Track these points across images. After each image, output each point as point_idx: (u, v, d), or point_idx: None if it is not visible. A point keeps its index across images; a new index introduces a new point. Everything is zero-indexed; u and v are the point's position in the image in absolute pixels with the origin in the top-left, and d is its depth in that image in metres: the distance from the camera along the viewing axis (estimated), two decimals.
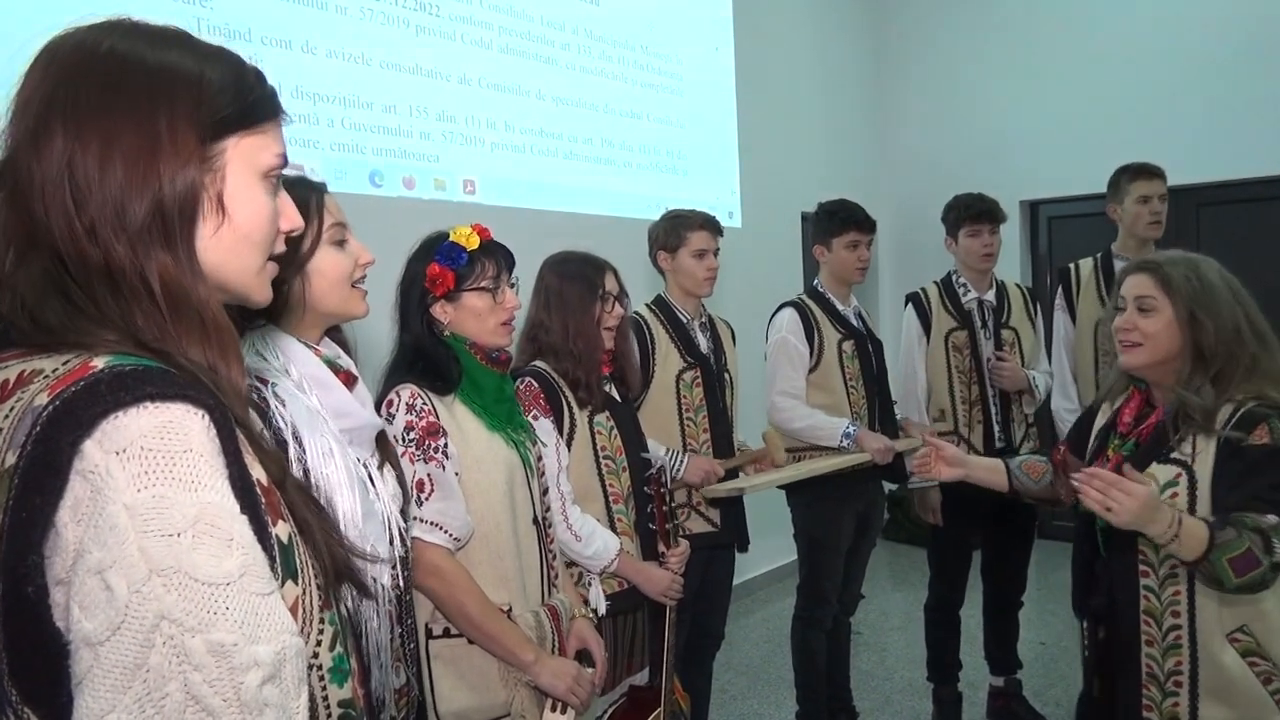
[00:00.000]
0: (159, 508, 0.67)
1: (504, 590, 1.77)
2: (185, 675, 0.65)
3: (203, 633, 0.66)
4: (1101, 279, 3.34)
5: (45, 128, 0.77)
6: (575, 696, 1.77)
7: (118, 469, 0.67)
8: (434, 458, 1.69)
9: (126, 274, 0.77)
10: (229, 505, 0.70)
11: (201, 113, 0.80)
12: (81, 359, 0.73)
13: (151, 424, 0.69)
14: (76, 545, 0.67)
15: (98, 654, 0.65)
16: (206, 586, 0.67)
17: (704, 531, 2.75)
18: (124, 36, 0.80)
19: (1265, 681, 1.71)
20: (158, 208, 0.77)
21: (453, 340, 1.80)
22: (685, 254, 2.79)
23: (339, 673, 0.86)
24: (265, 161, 0.85)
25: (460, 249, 1.78)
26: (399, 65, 3.45)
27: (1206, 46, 5.17)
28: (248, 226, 0.84)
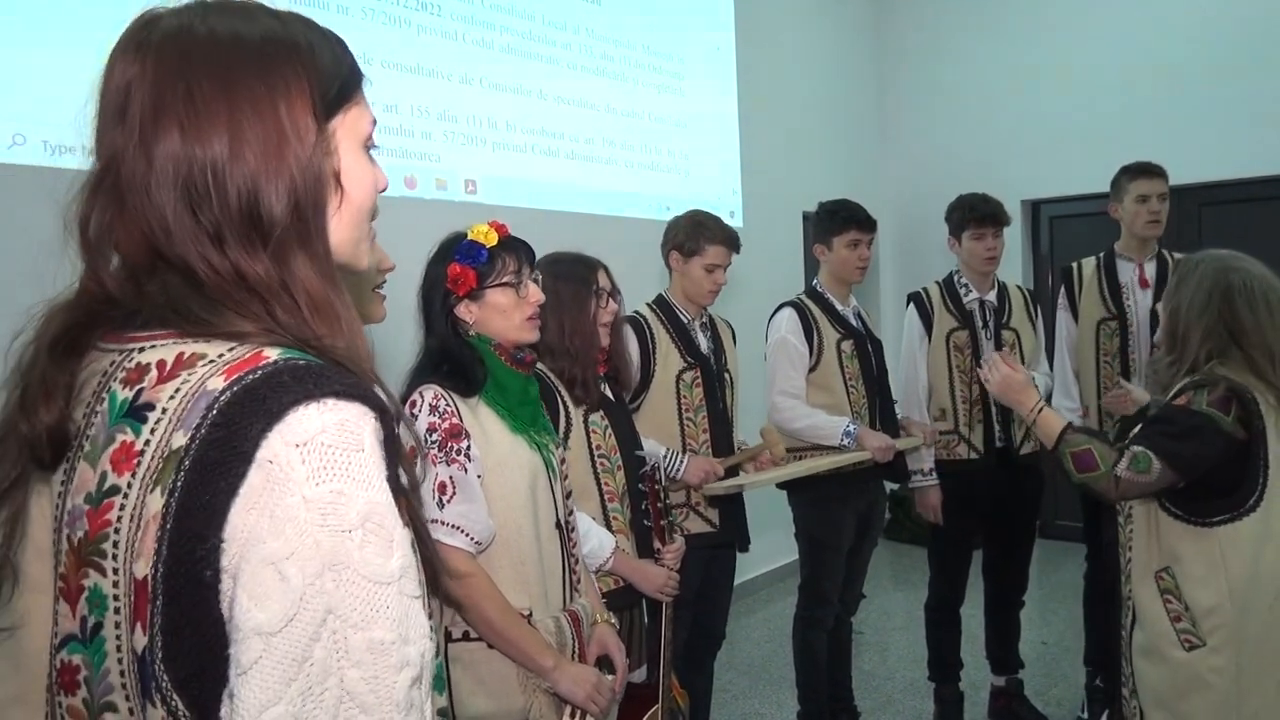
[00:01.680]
0: (336, 503, 0.66)
1: (525, 595, 1.76)
2: (343, 671, 0.65)
3: (364, 630, 0.66)
4: (1104, 279, 3.34)
5: (157, 130, 0.73)
6: (594, 704, 1.75)
7: (298, 462, 0.66)
8: (456, 460, 1.68)
9: (266, 284, 0.75)
10: (392, 506, 0.70)
11: (315, 94, 0.77)
12: (250, 348, 0.72)
13: (332, 420, 0.68)
14: (247, 534, 0.66)
15: (269, 644, 0.64)
16: (372, 584, 0.67)
17: (703, 531, 2.75)
18: (219, 16, 0.77)
19: (1175, 619, 1.94)
20: (294, 202, 0.75)
21: (478, 341, 1.80)
22: (698, 263, 2.78)
23: (440, 680, 0.86)
24: (365, 130, 0.83)
25: (480, 246, 1.77)
26: (400, 65, 3.46)
27: (1207, 46, 5.16)
28: (360, 198, 0.82)
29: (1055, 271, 5.05)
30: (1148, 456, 1.91)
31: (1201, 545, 1.92)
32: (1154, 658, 1.99)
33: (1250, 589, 1.89)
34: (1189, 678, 1.92)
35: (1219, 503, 1.92)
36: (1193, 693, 1.92)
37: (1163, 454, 1.90)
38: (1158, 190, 3.23)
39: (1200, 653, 1.91)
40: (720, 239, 2.78)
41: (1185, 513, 1.95)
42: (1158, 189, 3.24)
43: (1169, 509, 1.97)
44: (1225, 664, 1.89)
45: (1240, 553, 1.89)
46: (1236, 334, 1.97)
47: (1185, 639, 1.93)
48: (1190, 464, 1.90)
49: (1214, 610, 1.90)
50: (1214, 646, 1.90)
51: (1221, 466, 1.91)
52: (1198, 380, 1.96)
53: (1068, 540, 5.38)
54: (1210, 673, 1.90)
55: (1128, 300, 3.28)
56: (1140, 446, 1.93)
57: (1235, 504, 1.91)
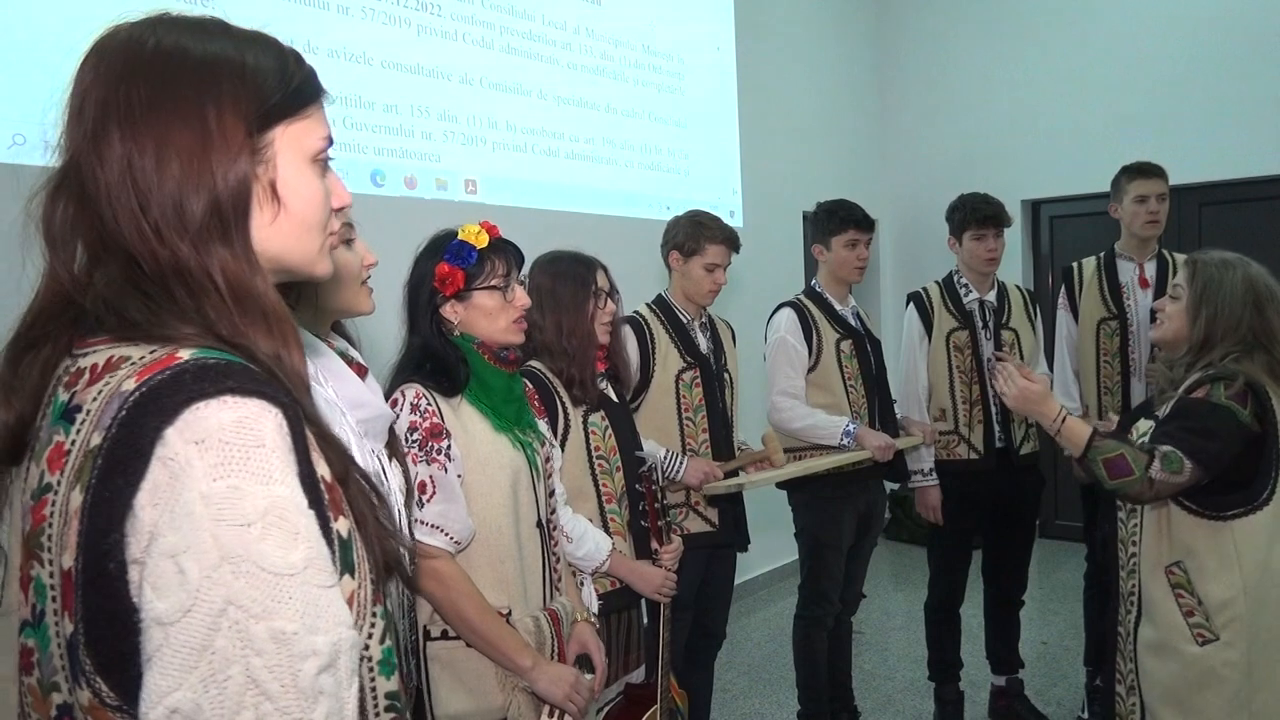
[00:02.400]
0: (232, 498, 0.69)
1: (504, 594, 1.76)
2: (248, 660, 0.68)
3: (266, 620, 0.69)
4: (1104, 278, 3.34)
5: (103, 131, 0.78)
6: (573, 703, 1.75)
7: (196, 458, 0.70)
8: (436, 459, 1.68)
9: (194, 272, 0.79)
10: (298, 500, 0.73)
11: (248, 106, 0.81)
12: (168, 349, 0.76)
13: (230, 418, 0.71)
14: (152, 528, 0.69)
15: (168, 634, 0.68)
16: (272, 576, 0.69)
17: (703, 531, 2.75)
18: (169, 30, 0.81)
19: (1187, 614, 1.94)
20: (213, 203, 0.79)
21: (461, 340, 1.79)
22: (698, 263, 2.78)
23: (388, 665, 0.88)
24: (313, 145, 0.86)
25: (470, 247, 1.76)
26: (400, 65, 3.46)
27: (1208, 46, 5.16)
28: (303, 212, 0.85)
29: (1055, 271, 5.05)
30: (1178, 456, 1.89)
31: (1215, 539, 1.92)
32: (1164, 654, 1.98)
33: (1263, 581, 1.89)
34: (1202, 673, 1.91)
35: (1234, 496, 1.92)
36: (1206, 688, 1.91)
37: (1190, 452, 1.89)
38: (1156, 190, 3.24)
39: (1213, 647, 1.90)
40: (721, 238, 2.78)
41: (1200, 507, 1.94)
42: (1156, 189, 3.24)
43: (1183, 503, 1.96)
44: (1238, 658, 1.89)
45: (1254, 545, 1.90)
46: (1265, 339, 1.98)
47: (1198, 634, 1.92)
48: (1215, 460, 1.90)
49: (1228, 604, 1.90)
50: (1227, 640, 1.90)
51: (1237, 460, 1.91)
52: (1213, 374, 1.96)
53: (1068, 540, 5.39)
54: (1224, 667, 1.89)
55: (1128, 300, 3.29)
56: (1168, 446, 1.91)
57: (1250, 497, 1.91)
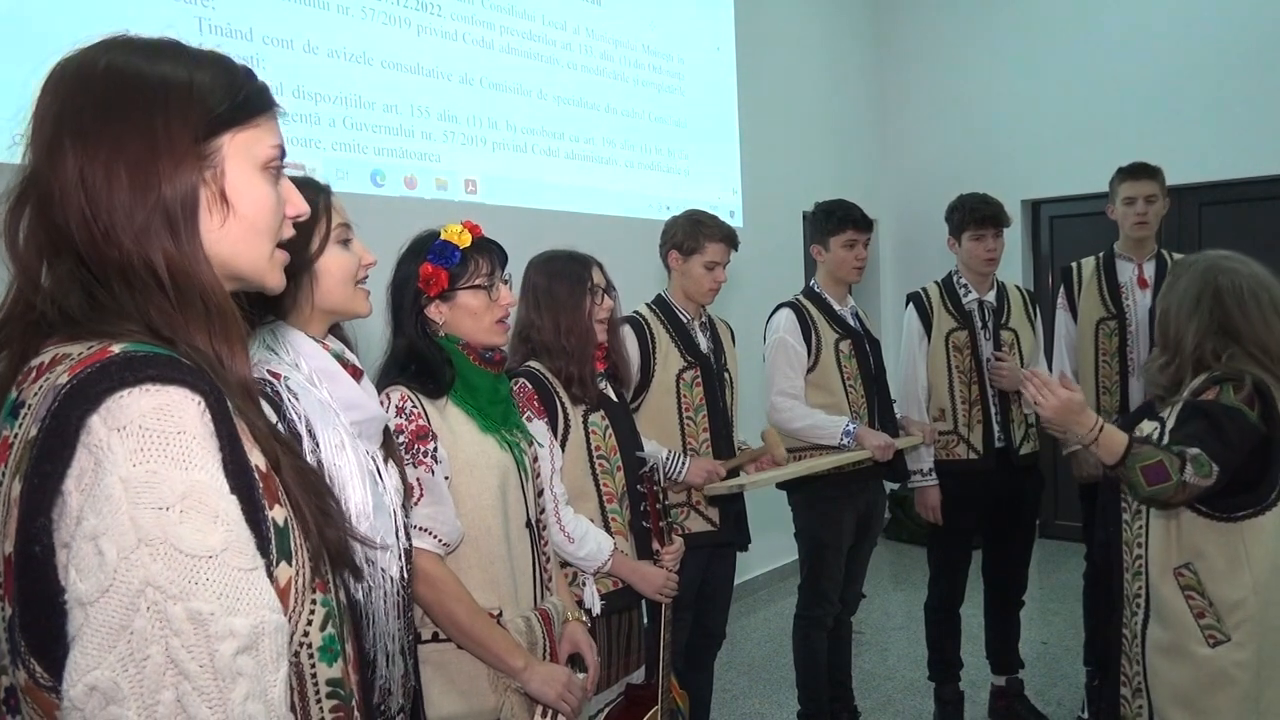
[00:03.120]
0: (151, 482, 0.72)
1: (494, 595, 1.75)
2: (166, 640, 0.70)
3: (183, 600, 0.71)
4: (1103, 278, 3.34)
5: (58, 144, 0.83)
6: (566, 703, 1.75)
7: (117, 444, 0.73)
8: (423, 461, 1.67)
9: (136, 266, 0.82)
10: (218, 485, 0.75)
11: (193, 114, 0.85)
12: (102, 344, 0.79)
13: (150, 404, 0.74)
14: (77, 511, 0.72)
15: (88, 613, 0.70)
16: (189, 558, 0.72)
17: (704, 531, 2.75)
18: (120, 52, 0.86)
19: (1198, 615, 1.93)
20: (159, 204, 0.83)
21: (446, 341, 1.78)
22: (698, 261, 2.78)
23: (328, 652, 0.90)
24: (262, 154, 0.89)
25: (453, 247, 1.75)
26: (400, 65, 3.46)
27: (1208, 46, 5.16)
28: (252, 216, 0.89)
29: (1055, 271, 5.05)
30: (1206, 459, 1.89)
31: (1225, 540, 1.92)
32: (1175, 655, 1.97)
33: (1274, 581, 1.90)
34: (1213, 674, 1.92)
35: (1242, 498, 1.92)
36: (1217, 689, 1.92)
37: (1212, 454, 1.89)
38: (1144, 192, 3.24)
39: (1225, 648, 1.91)
40: (719, 236, 2.79)
41: (1209, 509, 1.94)
42: (1144, 191, 3.24)
43: (1192, 505, 1.96)
44: (1249, 658, 1.90)
45: (1264, 546, 1.91)
46: (1232, 333, 1.99)
47: (1210, 635, 1.92)
48: (1233, 462, 1.91)
49: (1239, 604, 1.90)
50: (1238, 641, 1.90)
51: (1246, 461, 1.92)
52: (1219, 375, 1.97)
53: (1068, 540, 5.39)
54: (1235, 668, 1.90)
55: (1127, 300, 3.29)
56: (1195, 449, 1.90)
57: (1259, 498, 1.92)
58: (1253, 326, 1.98)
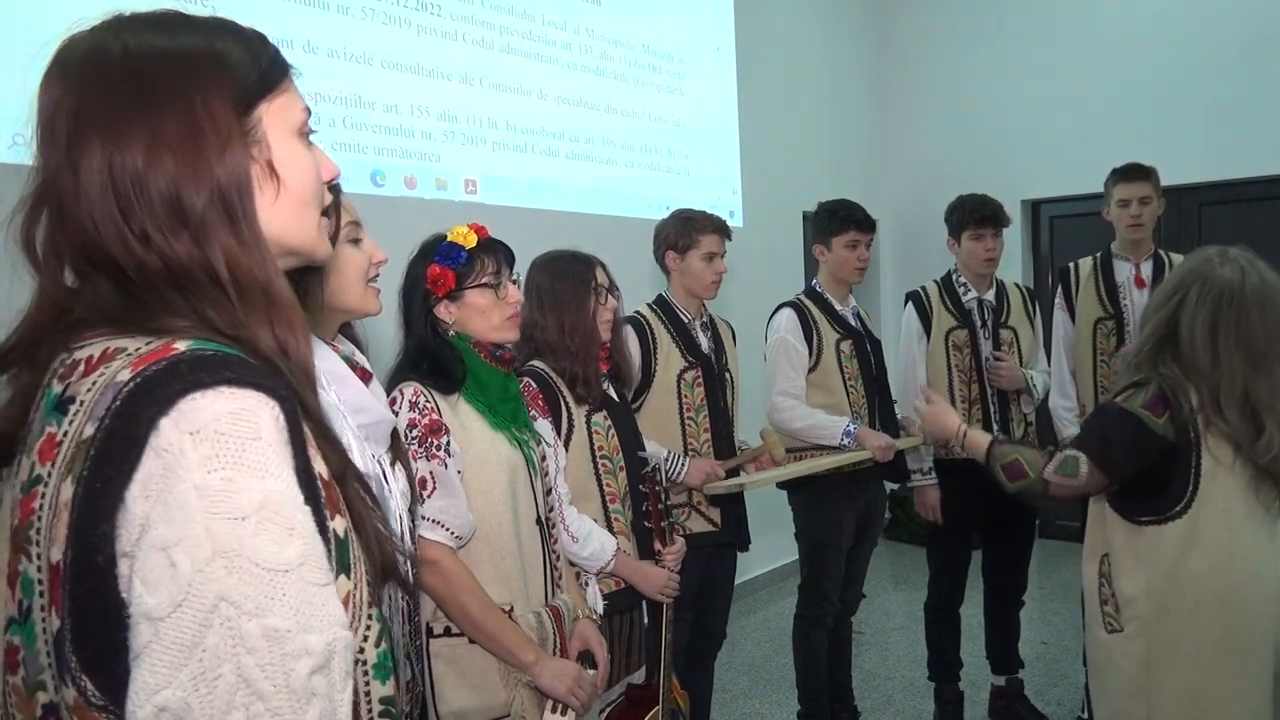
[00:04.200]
0: (228, 490, 0.67)
1: (505, 590, 1.76)
2: (239, 658, 0.66)
3: (259, 617, 0.67)
4: (1101, 278, 3.34)
5: (80, 142, 0.76)
6: (576, 698, 1.76)
7: (190, 449, 0.68)
8: (436, 455, 1.69)
9: (189, 269, 0.77)
10: (294, 494, 0.71)
11: (229, 88, 0.79)
12: (164, 341, 0.74)
13: (226, 408, 0.70)
14: (143, 520, 0.67)
15: (157, 629, 0.65)
16: (266, 572, 0.67)
17: (705, 531, 2.75)
18: (132, 32, 0.79)
19: (1103, 602, 2.04)
20: (215, 192, 0.77)
21: (457, 340, 1.81)
22: (695, 256, 2.78)
23: (383, 669, 0.86)
24: (296, 118, 0.85)
25: (459, 248, 1.78)
26: (400, 65, 3.46)
27: (1207, 46, 5.16)
28: (299, 186, 0.84)
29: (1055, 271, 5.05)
30: (1075, 461, 1.96)
31: (1130, 540, 1.97)
32: (1089, 634, 2.10)
33: (1170, 590, 1.91)
34: (1105, 657, 2.03)
35: (1146, 504, 1.94)
36: (1108, 671, 2.03)
37: (1093, 457, 1.95)
38: (1138, 194, 3.23)
39: (1117, 637, 1.99)
40: (711, 228, 2.80)
41: (1120, 508, 1.99)
42: (1138, 193, 3.24)
43: (1110, 500, 2.02)
44: (1136, 651, 1.96)
45: (1161, 555, 1.92)
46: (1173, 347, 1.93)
47: (1108, 622, 2.02)
48: (1119, 467, 1.94)
49: (1131, 601, 1.96)
50: (1128, 635, 1.98)
51: (1150, 467, 1.92)
52: (1138, 379, 1.97)
53: (1068, 540, 5.39)
54: (1123, 657, 1.98)
55: (1124, 300, 3.29)
56: (1071, 450, 1.99)
57: (1161, 507, 1.92)
58: (1194, 349, 1.89)
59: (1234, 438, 1.86)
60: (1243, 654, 1.89)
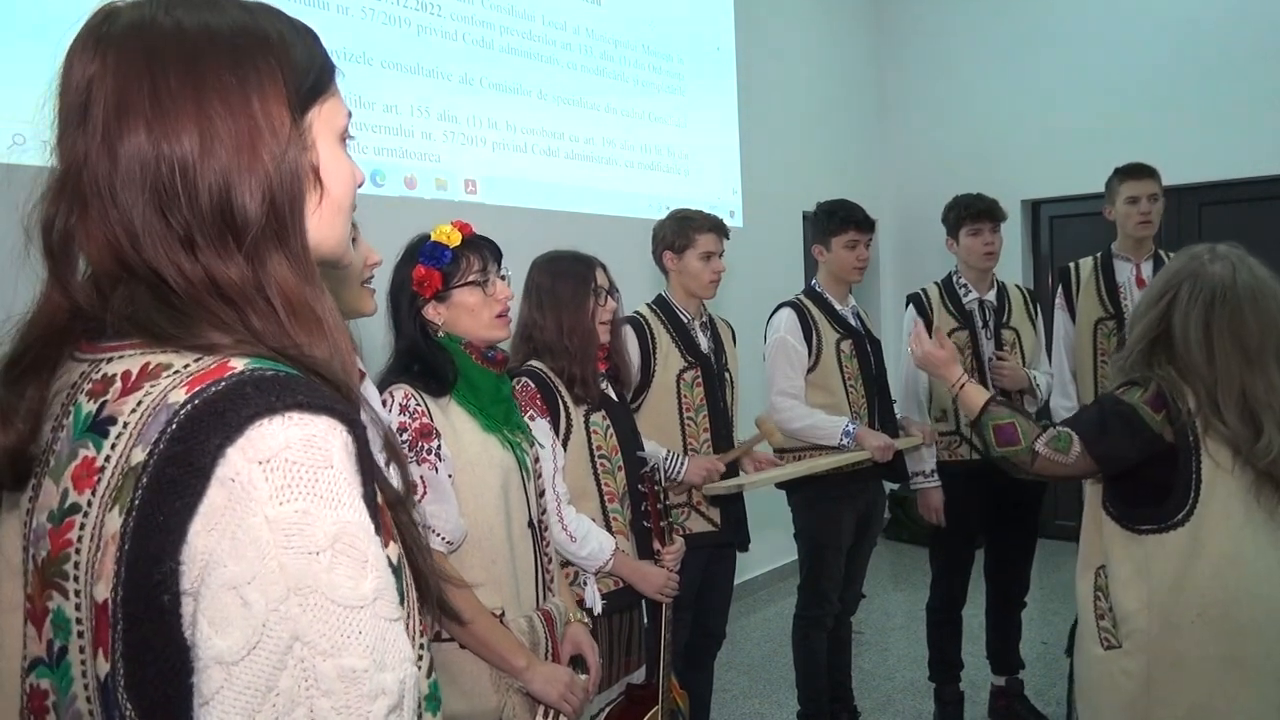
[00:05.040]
0: (301, 523, 0.63)
1: (497, 594, 1.75)
2: (313, 701, 0.61)
3: (334, 657, 0.62)
4: (1101, 278, 3.34)
5: (121, 127, 0.69)
6: (568, 704, 1.75)
7: (261, 479, 0.63)
8: (427, 459, 1.68)
9: (240, 287, 0.71)
10: (366, 525, 0.66)
11: (288, 88, 0.74)
12: (216, 358, 0.68)
13: (297, 436, 0.64)
14: (207, 556, 0.62)
15: (230, 673, 0.61)
16: (342, 609, 0.63)
17: (704, 531, 2.75)
18: (186, 8, 0.72)
19: (1099, 616, 1.96)
20: (269, 199, 0.71)
21: (447, 341, 1.79)
22: (692, 256, 2.78)
23: (434, 700, 0.81)
24: (341, 122, 0.80)
25: (443, 247, 1.76)
26: (400, 65, 3.46)
27: (1207, 46, 5.16)
28: (340, 194, 0.79)
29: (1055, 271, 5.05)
30: (1069, 437, 1.91)
31: (1129, 550, 1.89)
32: (1081, 650, 2.01)
33: (1172, 603, 1.84)
34: (1101, 675, 1.94)
35: (1145, 512, 1.87)
36: (1103, 690, 1.94)
37: (1084, 438, 1.89)
38: (1147, 191, 3.24)
39: (1115, 653, 1.91)
40: (708, 227, 2.80)
41: (1119, 516, 1.92)
42: (1147, 190, 3.24)
43: (1107, 509, 1.94)
44: (1136, 668, 1.87)
45: (1164, 566, 1.84)
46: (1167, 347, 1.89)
47: (1104, 638, 1.93)
48: (1109, 455, 1.88)
49: (1131, 616, 1.87)
50: (1126, 651, 1.88)
51: (1149, 470, 1.86)
52: (1133, 379, 1.92)
53: (1068, 540, 5.37)
54: (1121, 675, 1.89)
55: (1125, 300, 3.28)
56: (1065, 427, 1.94)
57: (1163, 515, 1.85)
58: (1189, 349, 1.85)
59: (1233, 440, 1.80)
60: (1247, 668, 1.81)
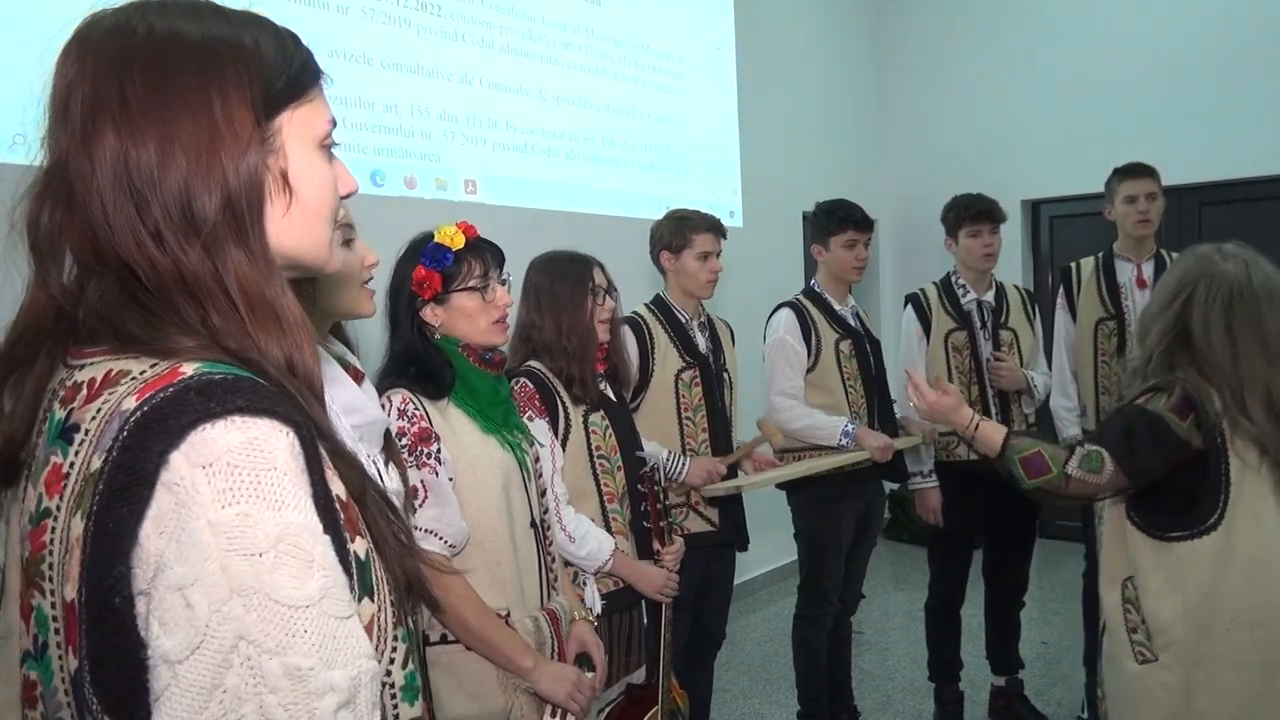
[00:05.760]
0: (243, 526, 0.65)
1: (501, 595, 1.75)
2: (261, 698, 0.63)
3: (280, 655, 0.64)
4: (1102, 278, 3.34)
5: (94, 128, 0.72)
6: (575, 703, 1.75)
7: (203, 484, 0.65)
8: (427, 464, 1.67)
9: (201, 279, 0.73)
10: (312, 525, 0.68)
11: (253, 91, 0.75)
12: (170, 364, 0.71)
13: (239, 439, 0.66)
14: (157, 558, 0.65)
15: (176, 672, 0.63)
16: (286, 609, 0.65)
17: (703, 531, 2.75)
18: (160, 14, 0.75)
19: (1131, 630, 1.91)
20: (226, 201, 0.73)
21: (444, 343, 1.78)
22: (690, 256, 2.78)
23: (410, 690, 0.83)
24: (319, 130, 0.81)
25: (445, 250, 1.75)
26: (400, 65, 3.46)
27: (1207, 46, 5.16)
28: (315, 201, 0.80)
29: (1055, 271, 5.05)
30: (1100, 455, 1.85)
31: (1161, 559, 1.85)
32: (1114, 666, 1.94)
33: (1207, 609, 1.81)
34: (1140, 690, 1.88)
35: (1176, 518, 1.84)
36: (1142, 707, 1.88)
37: (1114, 454, 1.84)
38: (1145, 190, 3.24)
39: (1151, 667, 1.86)
40: (705, 226, 2.80)
41: (1146, 525, 1.88)
42: (1145, 189, 3.24)
43: (1133, 519, 1.90)
44: (1175, 681, 1.83)
45: (1198, 572, 1.81)
46: (1188, 346, 1.86)
47: (1139, 652, 1.88)
48: (1141, 468, 1.83)
49: (1167, 627, 1.83)
50: (1164, 664, 1.84)
51: (1177, 478, 1.83)
52: (1156, 384, 1.88)
53: (1067, 540, 5.38)
54: (1160, 688, 1.84)
55: (1126, 300, 3.29)
56: (1094, 445, 1.88)
57: (1194, 521, 1.82)
58: (1212, 349, 1.83)
59: (1260, 439, 1.79)
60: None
